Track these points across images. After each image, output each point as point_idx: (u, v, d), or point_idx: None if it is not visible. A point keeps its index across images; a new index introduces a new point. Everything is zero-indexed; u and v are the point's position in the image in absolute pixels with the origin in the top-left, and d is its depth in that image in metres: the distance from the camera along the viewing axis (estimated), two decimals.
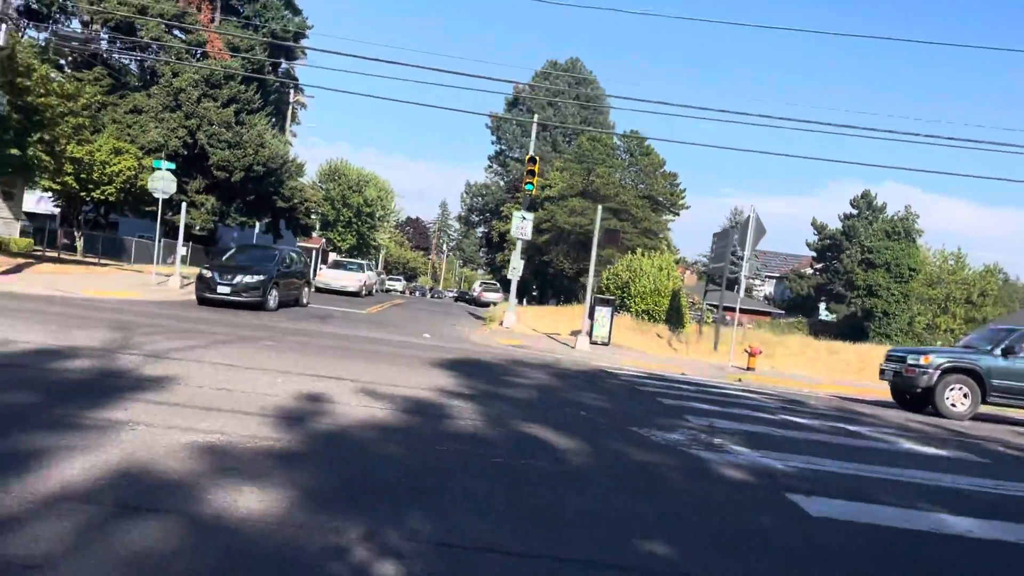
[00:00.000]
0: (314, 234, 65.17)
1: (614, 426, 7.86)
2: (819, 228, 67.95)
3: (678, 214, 53.25)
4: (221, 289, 18.14)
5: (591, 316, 22.20)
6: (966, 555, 4.82)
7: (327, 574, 3.32)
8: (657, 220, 50.82)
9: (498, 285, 59.21)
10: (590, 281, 21.03)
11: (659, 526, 4.62)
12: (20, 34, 23.80)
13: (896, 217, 57.44)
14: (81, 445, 4.69)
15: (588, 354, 18.53)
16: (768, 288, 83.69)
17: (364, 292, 31.42)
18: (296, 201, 44.14)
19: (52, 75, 23.67)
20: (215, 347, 10.09)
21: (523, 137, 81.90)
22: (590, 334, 21.62)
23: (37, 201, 43.37)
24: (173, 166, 26.52)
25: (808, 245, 69.34)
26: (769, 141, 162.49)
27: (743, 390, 14.46)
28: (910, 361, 13.94)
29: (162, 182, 24.19)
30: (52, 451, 4.49)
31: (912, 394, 14.28)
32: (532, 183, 23.14)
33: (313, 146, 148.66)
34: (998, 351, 13.67)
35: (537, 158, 22.80)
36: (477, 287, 59.94)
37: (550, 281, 59.61)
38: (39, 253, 32.45)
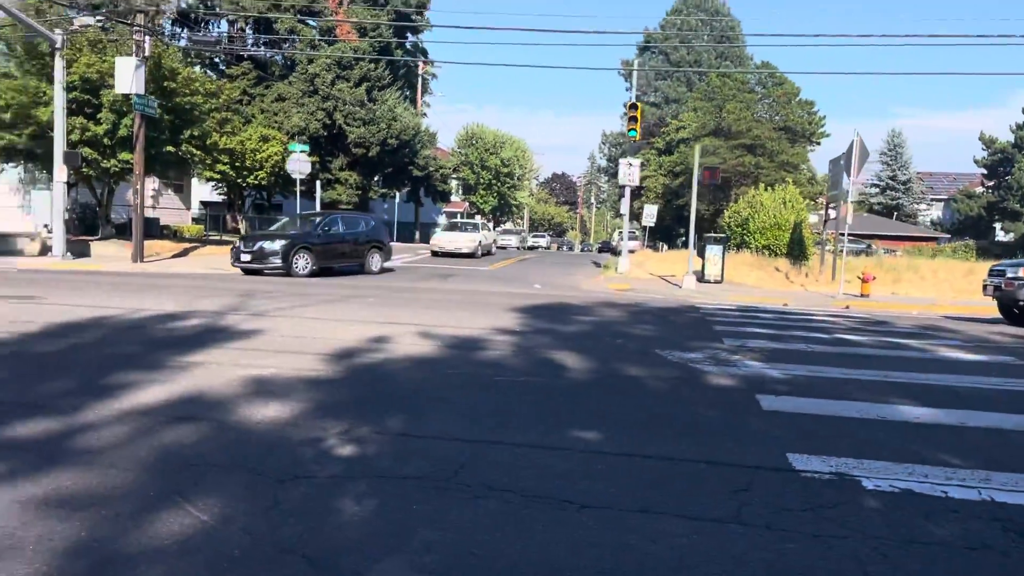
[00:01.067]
0: (455, 198, 67.66)
1: (639, 350, 8.62)
2: (988, 142, 62.63)
3: (818, 143, 50.92)
4: (243, 257, 18.59)
5: (701, 254, 22.44)
6: (891, 434, 5.30)
7: (297, 453, 4.47)
8: (795, 152, 48.90)
9: (636, 233, 59.33)
10: (692, 220, 21.26)
11: (600, 419, 5.46)
12: (165, 43, 26.62)
13: None
14: (160, 379, 6.13)
15: (691, 292, 18.94)
16: (935, 212, 78.16)
17: (480, 253, 31.38)
18: (431, 169, 46.35)
19: (195, 75, 26.29)
20: (315, 306, 11.65)
21: (657, 81, 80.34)
22: (700, 273, 21.92)
23: (211, 191, 48.11)
24: (307, 148, 28.96)
25: (976, 162, 64.10)
26: (924, 58, 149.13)
27: (830, 315, 14.52)
28: (1009, 275, 13.47)
29: (297, 163, 26.59)
30: (136, 383, 5.95)
31: (1017, 307, 13.81)
32: (636, 129, 23.45)
33: (452, 112, 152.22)
34: None
35: (638, 104, 23.05)
36: (616, 236, 60.41)
37: (686, 222, 58.98)
38: (209, 237, 36.35)
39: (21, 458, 4.14)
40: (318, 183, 28.15)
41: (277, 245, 18.29)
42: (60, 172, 21.37)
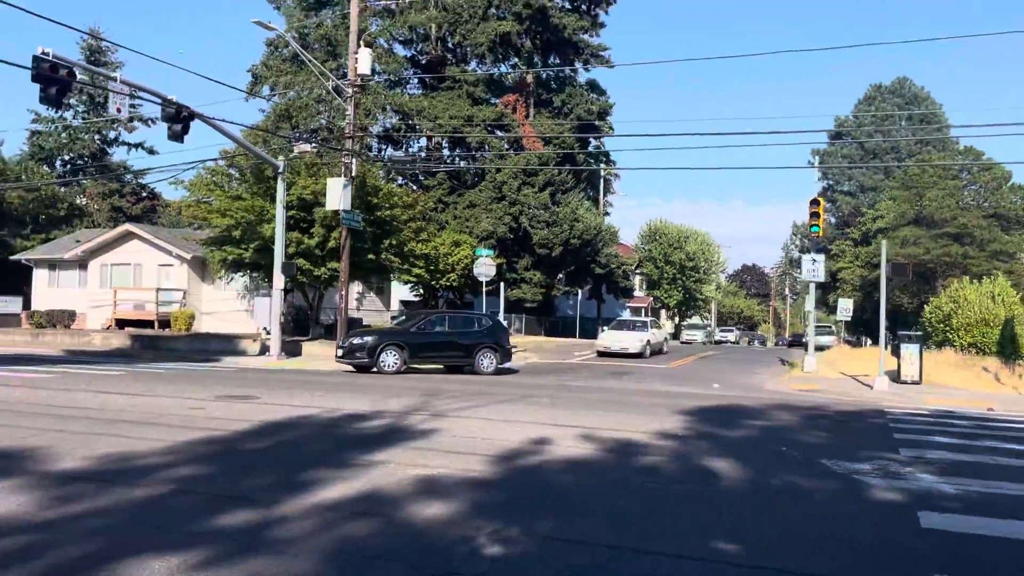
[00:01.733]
0: (639, 293, 67.84)
1: (804, 459, 8.46)
2: None
3: None
4: (338, 353, 19.78)
5: (895, 354, 21.18)
6: None
7: (450, 551, 4.98)
8: (1009, 240, 45.04)
9: (831, 327, 56.43)
10: (882, 317, 20.22)
11: (743, 531, 5.54)
12: (370, 164, 29.61)
13: None
14: (344, 477, 6.93)
15: (882, 394, 17.91)
16: None
17: (648, 353, 29.29)
18: (613, 266, 47.17)
19: (394, 190, 28.93)
20: (489, 406, 12.35)
21: (851, 169, 77.52)
22: (896, 373, 20.66)
23: (408, 292, 51.63)
24: (492, 252, 30.72)
25: None
26: None
27: None
28: None
29: (483, 267, 28.23)
30: (323, 480, 6.77)
31: None
32: (818, 224, 22.91)
33: (639, 207, 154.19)
34: None
35: (820, 200, 22.60)
36: (812, 331, 57.67)
37: (890, 317, 55.37)
38: None
39: (223, 544, 4.93)
40: (502, 284, 29.53)
41: (361, 341, 19.09)
42: (278, 280, 24.10)
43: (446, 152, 50.33)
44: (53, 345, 27.92)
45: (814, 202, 22.98)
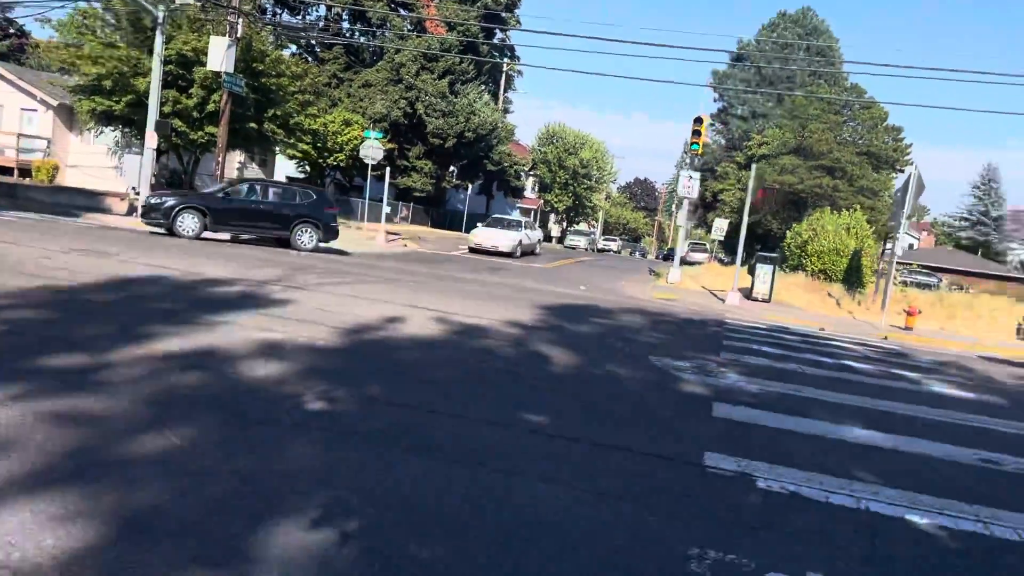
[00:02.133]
0: (530, 194, 68.45)
1: (633, 354, 9.16)
2: None
3: (901, 170, 49.61)
4: (140, 212, 19.57)
5: (752, 273, 22.58)
6: (819, 449, 5.75)
7: (277, 405, 5.24)
8: (876, 178, 47.83)
9: (707, 245, 59.04)
10: (741, 237, 21.43)
11: (552, 407, 6.07)
12: (258, 27, 28.11)
13: None
14: (185, 334, 7.02)
15: (731, 308, 19.18)
16: None
17: (519, 253, 28.83)
18: (506, 165, 47.22)
19: (282, 58, 27.73)
20: (354, 285, 12.53)
21: (746, 94, 79.22)
22: (749, 290, 22.07)
23: (296, 168, 50.17)
24: (381, 135, 30.15)
25: None
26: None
27: (857, 343, 14.63)
28: None
29: (370, 149, 27.73)
30: (164, 335, 6.84)
31: None
32: (698, 143, 23.66)
33: (543, 108, 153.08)
34: None
35: (703, 119, 23.27)
36: (685, 246, 60.24)
37: (760, 240, 58.33)
38: None
39: (49, 382, 5.02)
40: (388, 169, 29.18)
41: (163, 201, 18.26)
42: (151, 139, 22.94)
43: (345, 25, 48.21)
44: None
45: (697, 120, 23.64)
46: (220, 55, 22.29)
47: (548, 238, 71.65)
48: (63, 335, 6.39)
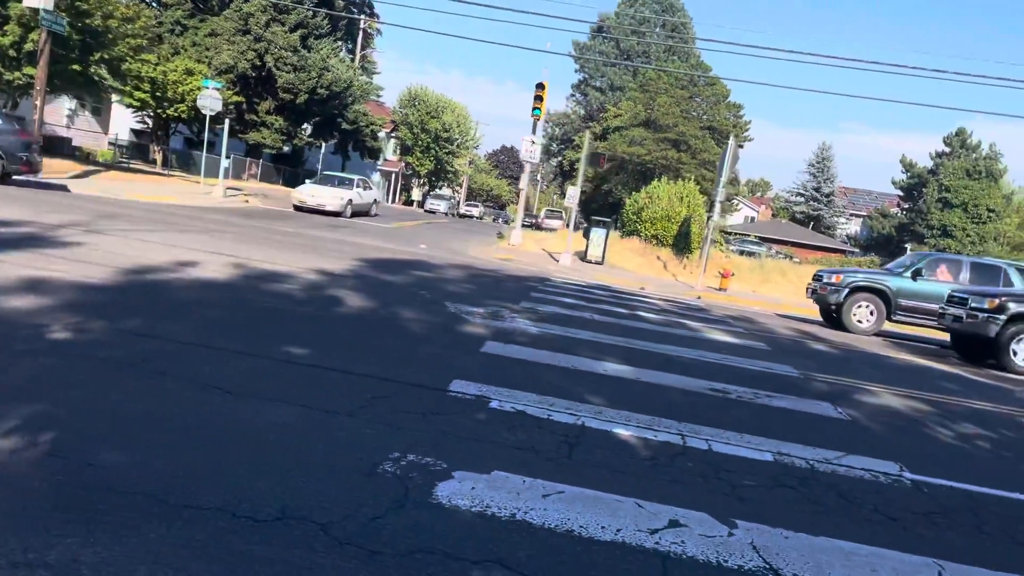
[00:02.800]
0: (392, 157, 67.69)
1: (432, 301, 9.45)
2: (908, 166, 65.78)
3: (741, 146, 52.57)
4: None
5: (586, 236, 23.47)
6: (566, 379, 6.21)
7: (14, 333, 5.12)
8: (718, 152, 50.39)
9: (562, 213, 60.54)
10: (574, 203, 22.25)
11: (322, 342, 6.24)
12: None
13: (979, 156, 54.95)
14: None
15: (562, 268, 19.92)
16: (854, 227, 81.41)
17: (349, 213, 26.80)
18: (361, 124, 46.40)
19: None
20: (166, 233, 12.15)
21: (605, 67, 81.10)
22: (584, 253, 22.97)
23: (134, 118, 47.27)
24: (221, 85, 28.92)
25: (895, 184, 67.20)
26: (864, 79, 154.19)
27: (665, 300, 15.63)
28: (824, 280, 14.77)
29: (209, 99, 26.60)
30: None
31: (828, 310, 15.13)
32: (540, 108, 24.20)
33: (411, 72, 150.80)
34: (908, 273, 14.31)
35: (545, 84, 23.80)
36: (542, 214, 61.91)
37: (614, 208, 60.45)
38: (122, 164, 35.94)
39: None
40: (227, 121, 28.07)
41: None
42: None
43: None
44: None
45: (539, 86, 24.15)
46: None
47: (409, 202, 71.25)
48: None
